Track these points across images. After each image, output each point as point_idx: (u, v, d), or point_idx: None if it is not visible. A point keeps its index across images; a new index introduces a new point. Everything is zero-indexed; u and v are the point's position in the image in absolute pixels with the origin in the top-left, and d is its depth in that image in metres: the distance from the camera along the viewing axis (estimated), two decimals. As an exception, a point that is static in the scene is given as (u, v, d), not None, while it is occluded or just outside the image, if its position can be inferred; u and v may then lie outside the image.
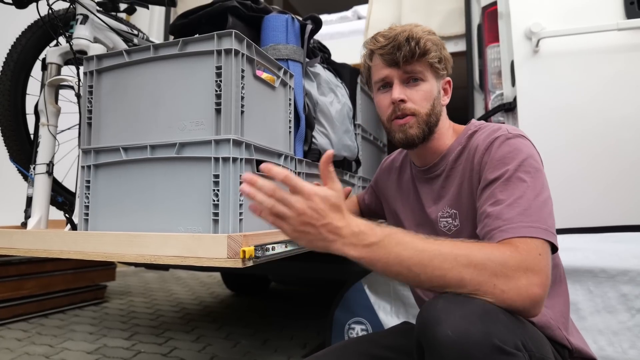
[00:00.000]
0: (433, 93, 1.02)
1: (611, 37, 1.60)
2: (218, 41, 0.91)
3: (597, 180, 1.57)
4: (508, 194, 0.83)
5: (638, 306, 1.36)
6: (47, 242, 1.00)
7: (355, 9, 2.83)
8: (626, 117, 1.57)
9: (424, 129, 1.01)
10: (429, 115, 1.01)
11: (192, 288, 3.81)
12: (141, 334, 2.37)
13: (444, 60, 1.03)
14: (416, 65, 1.00)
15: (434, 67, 1.01)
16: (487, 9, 1.89)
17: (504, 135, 0.91)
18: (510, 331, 0.66)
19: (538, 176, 0.85)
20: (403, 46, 0.99)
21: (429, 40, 0.99)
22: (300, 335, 2.41)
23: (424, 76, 1.01)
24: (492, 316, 0.66)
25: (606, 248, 1.44)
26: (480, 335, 0.63)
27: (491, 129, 0.96)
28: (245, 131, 0.94)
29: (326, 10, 3.05)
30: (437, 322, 0.66)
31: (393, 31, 1.02)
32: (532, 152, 0.89)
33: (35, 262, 2.72)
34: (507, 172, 0.85)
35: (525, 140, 0.91)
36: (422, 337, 0.69)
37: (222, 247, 0.79)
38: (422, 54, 0.99)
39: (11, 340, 2.21)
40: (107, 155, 1.02)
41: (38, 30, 1.39)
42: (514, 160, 0.86)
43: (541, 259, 0.74)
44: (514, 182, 0.84)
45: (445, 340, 0.64)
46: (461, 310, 0.66)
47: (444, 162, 1.04)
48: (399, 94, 1.01)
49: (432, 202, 1.06)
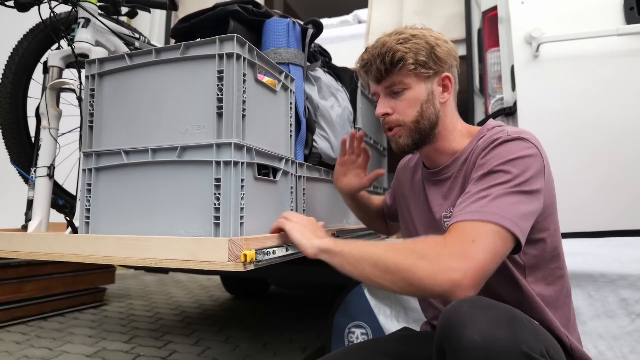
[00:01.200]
0: (419, 98, 1.01)
1: (611, 42, 1.61)
2: (220, 45, 0.91)
3: (596, 185, 1.57)
4: (475, 188, 0.85)
5: (638, 311, 1.36)
6: (48, 245, 1.00)
7: (355, 13, 2.85)
8: (626, 121, 1.57)
9: (413, 136, 1.02)
10: (417, 122, 1.01)
11: (191, 291, 3.80)
12: (140, 337, 2.37)
13: (432, 59, 1.00)
14: (394, 77, 1.00)
15: (417, 72, 0.99)
16: (488, 14, 1.90)
17: (502, 138, 0.90)
18: (535, 337, 0.66)
19: (517, 175, 0.84)
20: (373, 65, 1.00)
21: (399, 51, 0.97)
22: (300, 339, 2.41)
23: (406, 84, 1.00)
24: (519, 322, 0.66)
25: (606, 252, 1.44)
26: (508, 341, 0.63)
27: (495, 131, 0.95)
28: (246, 135, 0.94)
29: (327, 14, 3.07)
30: (462, 325, 0.65)
31: (374, 47, 1.02)
32: (525, 154, 0.86)
33: (35, 265, 2.71)
34: (487, 170, 0.86)
35: (523, 142, 0.88)
36: (445, 340, 0.68)
37: (223, 251, 0.79)
38: (395, 64, 0.98)
39: (10, 343, 2.21)
40: (108, 159, 1.02)
41: (40, 33, 1.39)
42: (500, 159, 0.86)
43: (473, 245, 0.75)
44: (485, 179, 0.85)
45: (471, 345, 0.63)
46: (487, 315, 0.66)
47: (454, 165, 1.03)
48: (381, 108, 1.03)
49: (439, 204, 1.06)
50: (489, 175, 0.85)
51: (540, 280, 0.94)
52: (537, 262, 0.93)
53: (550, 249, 0.94)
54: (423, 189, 1.13)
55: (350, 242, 0.89)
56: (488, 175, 0.86)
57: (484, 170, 0.87)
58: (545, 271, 0.95)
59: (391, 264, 0.79)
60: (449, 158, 1.04)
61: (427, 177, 1.11)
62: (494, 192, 0.82)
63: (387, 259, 0.80)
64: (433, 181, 1.09)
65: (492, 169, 0.86)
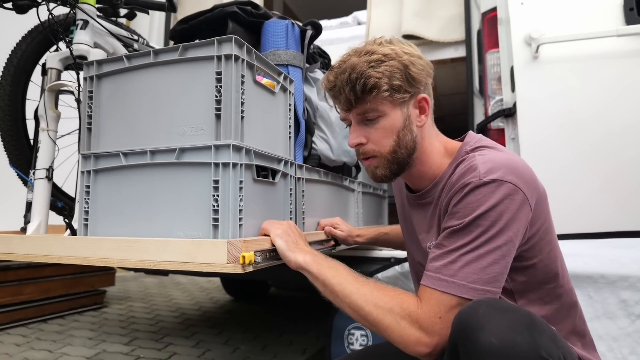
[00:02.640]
0: (396, 126, 0.93)
1: (611, 43, 1.61)
2: (218, 47, 0.91)
3: (596, 186, 1.57)
4: (446, 244, 0.83)
5: (638, 312, 1.35)
6: (47, 247, 1.00)
7: (355, 15, 2.85)
8: (626, 122, 1.57)
9: (391, 167, 0.96)
10: (394, 152, 0.94)
11: (191, 293, 3.80)
12: (140, 339, 2.37)
13: (407, 82, 0.91)
14: (367, 104, 0.92)
15: (392, 99, 0.92)
16: (487, 15, 1.90)
17: (475, 182, 0.82)
18: (554, 343, 0.65)
19: (487, 229, 0.79)
20: (344, 89, 0.92)
21: (372, 76, 0.89)
22: (300, 341, 2.41)
23: (381, 112, 0.93)
24: (538, 327, 0.66)
25: (606, 254, 1.44)
26: (527, 347, 0.62)
27: (469, 167, 0.87)
28: (245, 136, 0.94)
29: (326, 15, 3.07)
30: (479, 327, 0.65)
31: (340, 68, 0.94)
32: (496, 201, 0.80)
33: (34, 267, 2.71)
34: (457, 224, 0.82)
35: (499, 186, 0.80)
36: (459, 341, 0.68)
37: (222, 253, 0.79)
38: (369, 91, 0.90)
39: (10, 346, 2.20)
40: (106, 161, 1.02)
41: (38, 35, 1.39)
42: (472, 212, 0.80)
43: (441, 321, 0.78)
44: (457, 235, 0.81)
45: (488, 348, 0.63)
46: (506, 318, 0.66)
47: (435, 190, 0.97)
48: (354, 138, 0.96)
49: (424, 230, 1.02)
50: (461, 231, 0.81)
51: (535, 300, 0.91)
52: (526, 287, 0.90)
53: (543, 272, 0.90)
54: (409, 209, 1.10)
55: (332, 266, 0.89)
56: (460, 231, 0.81)
57: (454, 222, 0.83)
58: (541, 292, 0.91)
59: (370, 317, 0.82)
60: (429, 182, 0.99)
61: (410, 200, 1.08)
62: (463, 256, 0.80)
63: (366, 311, 0.83)
64: (417, 205, 1.05)
65: (465, 223, 0.81)
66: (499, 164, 0.83)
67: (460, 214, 0.82)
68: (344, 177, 1.59)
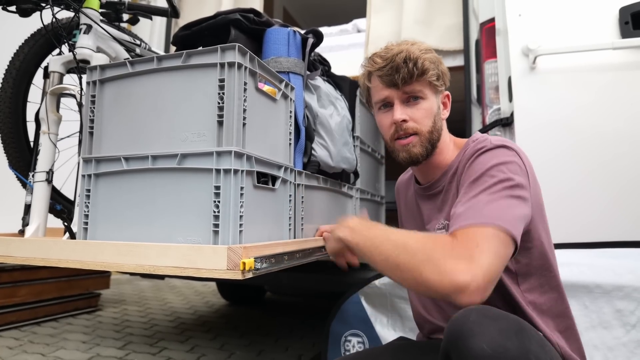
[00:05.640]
0: (433, 110, 1.04)
1: (607, 56, 1.63)
2: (221, 54, 0.92)
3: (592, 196, 1.58)
4: (464, 194, 0.87)
5: (633, 322, 1.36)
6: (45, 250, 1.00)
7: (355, 23, 2.87)
8: (621, 132, 1.59)
9: (427, 146, 1.04)
10: (431, 133, 1.03)
11: (186, 297, 3.79)
12: (135, 344, 2.36)
13: (442, 76, 1.05)
14: (415, 84, 1.02)
15: (433, 85, 1.03)
16: (485, 25, 1.92)
17: (485, 147, 0.94)
18: (542, 349, 0.67)
19: (504, 180, 0.86)
20: (401, 68, 1.00)
21: (426, 60, 1.01)
22: (296, 347, 2.40)
23: (424, 94, 1.03)
24: (527, 333, 0.67)
25: (602, 263, 1.45)
26: (517, 352, 0.64)
27: (478, 142, 0.98)
28: (246, 143, 0.95)
29: (327, 23, 3.09)
30: (471, 334, 0.66)
31: (390, 51, 1.03)
32: (507, 160, 0.89)
33: (29, 269, 2.70)
34: (476, 176, 0.89)
35: (505, 150, 0.92)
36: (452, 348, 0.69)
37: (222, 259, 0.79)
38: (421, 73, 1.00)
39: (3, 349, 2.19)
40: (108, 165, 1.02)
41: (41, 38, 1.40)
42: (484, 166, 0.89)
43: (477, 249, 0.75)
44: (475, 184, 0.88)
45: (480, 354, 0.64)
46: (497, 324, 0.67)
47: (444, 179, 1.06)
48: (400, 114, 1.03)
49: (434, 217, 1.07)
50: (478, 180, 0.88)
51: (536, 288, 0.95)
52: (528, 269, 0.95)
53: (539, 257, 0.95)
54: (417, 205, 1.15)
55: (370, 228, 0.89)
56: (477, 180, 0.88)
57: (472, 177, 0.90)
58: (541, 279, 0.96)
59: (401, 261, 0.79)
60: (440, 172, 1.07)
61: (419, 192, 1.14)
62: (486, 196, 0.84)
63: (398, 256, 0.79)
64: (426, 196, 1.11)
65: (481, 174, 0.88)
66: (509, 141, 0.96)
67: (475, 169, 0.90)
68: (342, 183, 1.60)
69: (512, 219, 0.81)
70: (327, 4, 4.77)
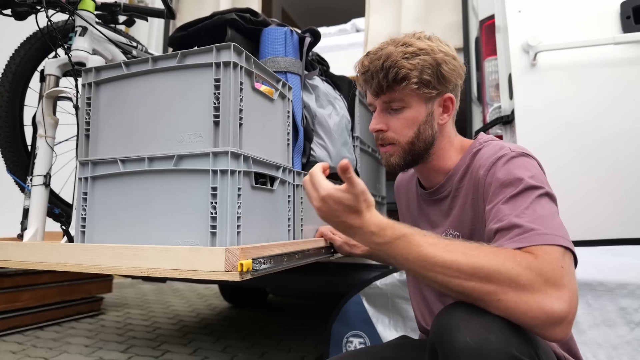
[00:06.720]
0: (418, 119, 0.97)
1: (608, 51, 1.61)
2: (217, 54, 0.91)
3: (595, 193, 1.57)
4: (514, 207, 0.78)
5: (637, 320, 1.35)
6: (44, 254, 0.99)
7: (353, 22, 2.86)
8: (623, 129, 1.57)
9: (406, 157, 0.99)
10: (412, 144, 0.97)
11: (189, 300, 3.78)
12: (138, 347, 2.35)
13: (437, 79, 0.95)
14: (394, 93, 0.95)
15: (420, 93, 0.95)
16: (485, 23, 1.91)
17: (508, 155, 0.86)
18: (526, 342, 0.66)
19: (543, 193, 0.80)
20: (376, 75, 0.94)
21: (405, 67, 0.92)
22: (298, 348, 2.39)
23: (406, 103, 0.96)
24: (511, 327, 0.66)
25: (605, 261, 1.44)
26: (499, 344, 0.63)
27: (494, 147, 0.91)
28: (243, 143, 0.94)
29: (325, 22, 3.08)
30: (456, 328, 0.66)
31: (376, 54, 0.96)
32: (536, 172, 0.84)
33: (31, 274, 2.70)
34: (512, 190, 0.81)
35: (529, 159, 0.86)
36: (438, 342, 0.69)
37: (220, 260, 0.78)
38: (399, 81, 0.93)
39: (6, 353, 2.19)
40: (104, 167, 1.01)
41: (37, 41, 1.40)
42: (518, 178, 0.82)
43: (564, 271, 0.67)
44: (519, 197, 0.80)
45: (463, 347, 0.64)
46: (481, 319, 0.67)
47: (449, 183, 1.00)
48: (375, 124, 0.99)
49: (439, 224, 1.03)
50: (525, 191, 0.80)
51: None
52: None
53: None
54: (420, 208, 1.12)
55: (408, 243, 0.73)
56: (518, 195, 0.80)
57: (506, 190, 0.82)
58: None
59: (468, 288, 0.68)
60: (443, 176, 1.02)
61: (425, 197, 1.09)
62: (540, 209, 0.77)
63: (463, 282, 0.68)
64: (432, 201, 1.06)
65: (525, 186, 0.80)
66: (524, 148, 0.90)
67: (505, 183, 0.83)
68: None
69: (567, 234, 0.76)
70: (325, 4, 4.76)
